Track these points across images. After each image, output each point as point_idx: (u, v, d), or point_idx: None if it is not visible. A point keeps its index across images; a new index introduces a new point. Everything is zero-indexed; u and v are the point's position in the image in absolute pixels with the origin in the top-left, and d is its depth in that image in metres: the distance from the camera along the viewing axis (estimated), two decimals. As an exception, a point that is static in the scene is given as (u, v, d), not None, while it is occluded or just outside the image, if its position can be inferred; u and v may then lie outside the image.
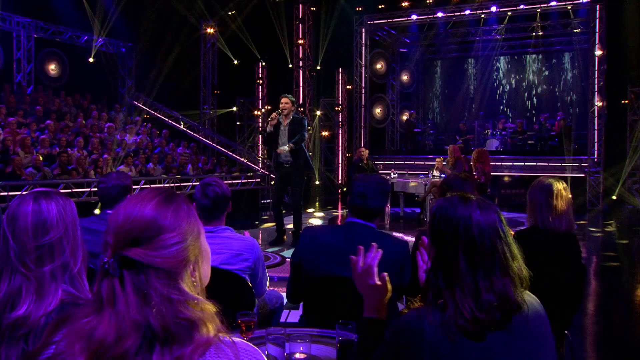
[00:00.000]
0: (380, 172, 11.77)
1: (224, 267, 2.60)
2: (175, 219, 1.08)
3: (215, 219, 2.73)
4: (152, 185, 9.52)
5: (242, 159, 14.92)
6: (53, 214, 1.51)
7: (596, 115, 13.51)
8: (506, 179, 13.47)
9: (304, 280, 2.58)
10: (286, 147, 6.98)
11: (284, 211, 7.77)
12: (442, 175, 10.90)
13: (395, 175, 11.36)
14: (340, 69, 17.77)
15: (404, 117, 19.12)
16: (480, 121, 17.48)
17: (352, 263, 1.75)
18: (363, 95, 16.86)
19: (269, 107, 17.01)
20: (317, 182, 16.21)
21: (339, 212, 13.40)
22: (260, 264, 2.72)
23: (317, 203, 14.71)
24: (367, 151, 11.51)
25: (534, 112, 18.17)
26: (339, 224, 9.76)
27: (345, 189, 17.21)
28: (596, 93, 13.51)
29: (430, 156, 15.58)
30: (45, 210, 1.51)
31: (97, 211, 8.54)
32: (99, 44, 15.45)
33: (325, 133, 17.16)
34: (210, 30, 16.76)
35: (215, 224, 2.73)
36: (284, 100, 7.23)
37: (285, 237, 7.67)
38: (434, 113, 20.18)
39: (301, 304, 2.71)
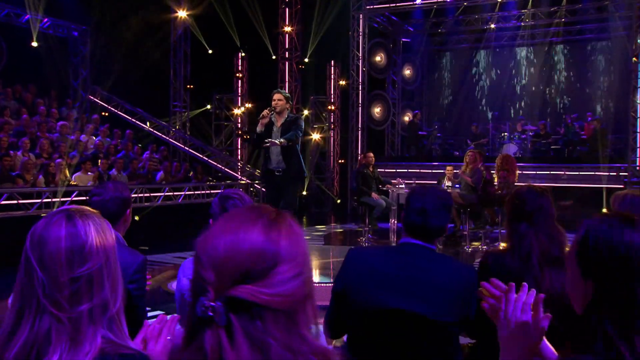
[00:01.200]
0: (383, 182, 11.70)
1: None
2: (291, 244, 1.02)
3: None
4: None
5: (220, 165, 14.83)
6: (92, 238, 1.41)
7: (638, 115, 13.54)
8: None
9: (349, 312, 2.54)
10: (277, 141, 6.86)
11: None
12: (457, 186, 10.93)
13: (403, 186, 11.33)
14: (332, 62, 17.83)
15: (406, 118, 19.21)
16: (495, 123, 17.67)
17: (484, 295, 1.64)
18: (360, 92, 16.91)
19: (250, 105, 17.02)
20: (304, 193, 16.21)
21: (331, 229, 13.40)
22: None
23: (305, 218, 14.74)
24: (374, 157, 11.51)
25: (559, 112, 18.36)
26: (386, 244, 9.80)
27: (339, 201, 17.23)
28: (638, 89, 13.52)
29: (437, 163, 15.66)
30: (83, 233, 1.41)
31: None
32: (44, 26, 15.21)
33: (315, 136, 17.15)
34: (182, 14, 16.69)
35: None
36: (276, 96, 7.15)
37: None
38: (442, 113, 20.33)
39: (345, 337, 2.67)
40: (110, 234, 1.47)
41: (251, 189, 13.97)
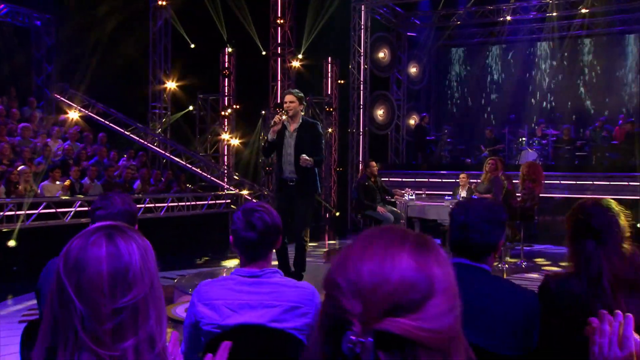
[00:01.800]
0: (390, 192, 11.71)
1: (275, 325, 2.57)
2: (443, 273, 1.01)
3: (262, 258, 2.70)
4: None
5: (205, 174, 14.76)
6: (136, 261, 1.35)
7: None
8: None
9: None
10: (307, 157, 6.89)
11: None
12: (473, 197, 10.91)
13: (413, 197, 11.38)
14: (330, 59, 17.84)
15: (412, 122, 19.29)
16: (512, 127, 17.70)
17: (591, 328, 1.58)
18: (362, 92, 16.94)
19: (238, 107, 16.98)
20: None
21: (331, 245, 13.35)
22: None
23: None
24: (377, 166, 11.51)
25: (585, 114, 18.36)
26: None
27: (338, 214, 17.20)
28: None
29: (447, 172, 15.73)
30: (126, 255, 1.34)
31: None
32: (1, 14, 15.14)
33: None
34: (161, 2, 16.67)
35: (261, 265, 2.70)
36: (288, 97, 7.18)
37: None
38: (452, 116, 20.39)
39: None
40: (152, 255, 1.41)
41: (241, 199, 13.87)
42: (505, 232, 2.72)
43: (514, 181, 10.66)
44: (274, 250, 3.00)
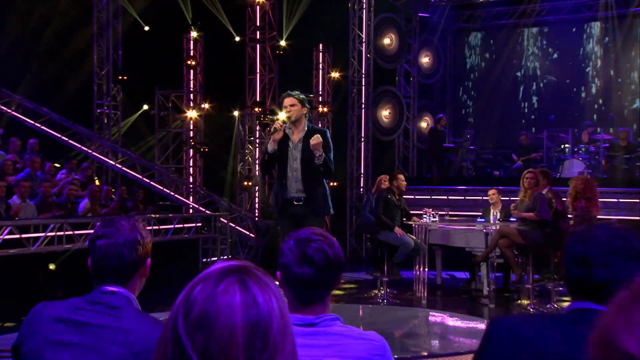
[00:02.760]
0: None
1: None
2: None
3: (319, 301, 2.67)
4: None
5: (167, 190, 14.60)
6: (275, 312, 1.37)
7: None
8: None
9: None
10: (318, 155, 7.08)
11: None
12: (512, 220, 10.87)
13: (436, 219, 11.30)
14: (320, 46, 17.73)
15: (425, 124, 19.24)
16: (551, 130, 17.59)
17: None
18: (364, 88, 16.86)
19: (207, 106, 16.83)
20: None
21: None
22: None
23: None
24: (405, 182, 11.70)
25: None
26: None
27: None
28: None
29: (470, 187, 15.68)
30: (264, 305, 1.36)
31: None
32: None
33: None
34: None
35: (317, 310, 2.66)
36: (288, 101, 7.36)
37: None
38: (475, 118, 20.28)
39: None
40: (285, 304, 1.44)
41: (214, 223, 13.73)
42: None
43: (563, 199, 10.63)
44: None
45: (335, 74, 17.67)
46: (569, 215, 10.47)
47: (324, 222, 7.90)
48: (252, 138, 16.57)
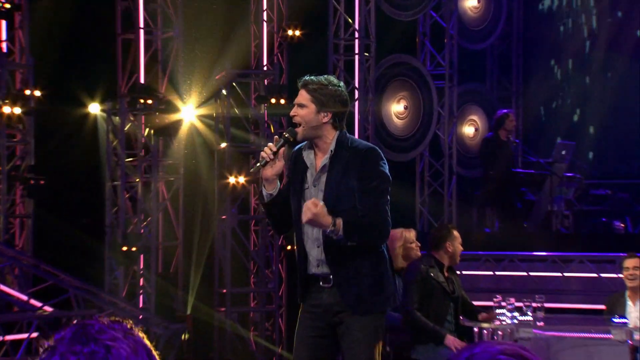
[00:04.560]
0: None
1: None
2: None
3: None
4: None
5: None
6: None
7: None
8: None
9: None
10: (316, 205, 5.03)
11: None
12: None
13: (529, 316, 8.01)
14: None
15: (472, 129, 14.20)
16: None
17: None
18: (357, 59, 12.55)
19: (39, 95, 13.61)
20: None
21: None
22: None
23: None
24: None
25: None
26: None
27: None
28: None
29: (574, 254, 11.19)
30: None
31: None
32: None
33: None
34: None
35: None
36: (298, 97, 5.37)
37: None
38: (575, 117, 14.86)
39: None
40: None
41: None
42: None
43: None
44: None
45: (293, 32, 12.02)
46: None
47: (380, 328, 5.04)
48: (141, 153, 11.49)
